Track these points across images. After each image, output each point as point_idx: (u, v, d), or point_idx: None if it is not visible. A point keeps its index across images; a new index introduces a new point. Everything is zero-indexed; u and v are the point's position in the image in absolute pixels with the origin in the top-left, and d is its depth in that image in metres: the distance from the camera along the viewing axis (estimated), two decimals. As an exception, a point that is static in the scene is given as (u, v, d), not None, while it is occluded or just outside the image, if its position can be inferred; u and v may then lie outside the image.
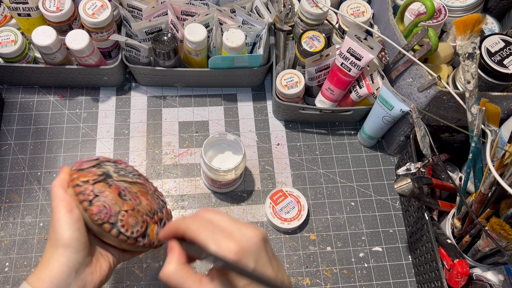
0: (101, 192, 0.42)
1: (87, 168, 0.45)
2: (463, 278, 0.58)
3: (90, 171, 0.44)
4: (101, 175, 0.44)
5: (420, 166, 0.63)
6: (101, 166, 0.46)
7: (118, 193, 0.43)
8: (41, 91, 0.80)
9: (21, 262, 0.67)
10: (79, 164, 0.46)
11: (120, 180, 0.45)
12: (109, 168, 0.46)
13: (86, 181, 0.43)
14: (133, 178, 0.47)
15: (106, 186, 0.43)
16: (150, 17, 0.74)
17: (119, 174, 0.46)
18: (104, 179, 0.44)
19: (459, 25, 0.57)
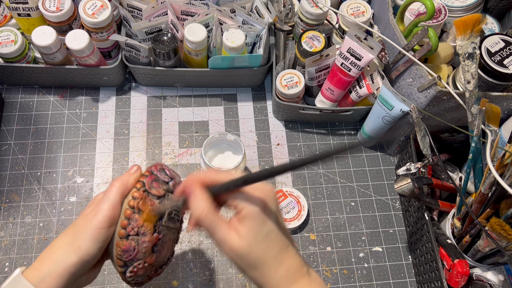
0: (143, 235, 0.40)
1: (154, 195, 0.41)
2: (463, 278, 0.58)
3: (153, 202, 0.41)
4: (156, 215, 0.41)
5: (420, 166, 0.63)
6: (165, 199, 0.42)
7: (154, 244, 0.41)
8: (41, 91, 0.80)
9: (21, 262, 0.67)
10: (151, 180, 0.42)
11: (165, 227, 0.42)
12: (167, 205, 0.42)
13: (140, 211, 0.40)
14: (175, 223, 0.44)
15: (151, 231, 0.40)
16: (150, 17, 0.74)
17: (169, 217, 0.43)
18: (156, 221, 0.41)
19: (459, 25, 0.57)
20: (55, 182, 0.73)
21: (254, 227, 0.36)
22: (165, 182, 0.43)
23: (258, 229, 0.36)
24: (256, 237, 0.36)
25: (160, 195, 0.41)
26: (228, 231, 0.37)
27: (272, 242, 0.37)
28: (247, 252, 0.36)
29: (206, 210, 0.37)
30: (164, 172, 0.44)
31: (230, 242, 0.36)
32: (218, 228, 0.37)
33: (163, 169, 0.44)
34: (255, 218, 0.36)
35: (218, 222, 0.37)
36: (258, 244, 0.36)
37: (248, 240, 0.36)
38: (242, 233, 0.36)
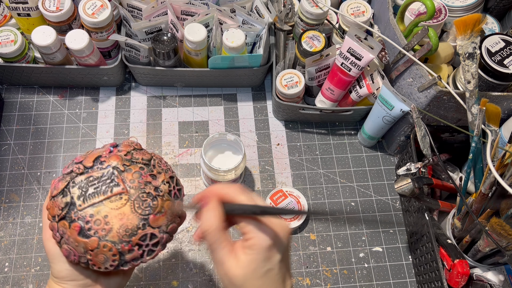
0: (64, 234, 0.40)
1: (56, 195, 0.41)
2: (464, 278, 0.58)
3: (56, 202, 0.40)
4: (64, 208, 0.40)
5: (420, 166, 0.63)
6: (68, 189, 0.40)
7: (78, 232, 0.39)
8: (41, 91, 0.80)
9: (21, 262, 0.67)
10: (53, 186, 0.42)
11: (85, 207, 0.40)
12: (75, 190, 0.40)
13: (53, 217, 0.40)
14: (106, 192, 0.40)
15: (67, 225, 0.39)
16: (150, 17, 0.74)
17: (86, 196, 0.40)
18: (66, 213, 0.40)
19: (459, 25, 0.57)
20: (55, 182, 0.73)
21: (256, 260, 0.35)
22: (67, 173, 0.42)
23: (259, 264, 0.35)
24: (254, 271, 0.35)
25: (60, 190, 0.41)
26: (229, 255, 0.35)
27: (269, 281, 0.35)
28: (241, 283, 0.35)
29: (214, 226, 0.36)
30: (71, 164, 0.43)
31: (227, 267, 0.35)
32: (220, 248, 0.36)
33: (72, 162, 0.43)
34: (260, 252, 0.35)
35: (222, 242, 0.36)
36: (254, 279, 0.35)
37: (245, 271, 0.35)
38: (242, 262, 0.35)
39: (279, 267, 0.36)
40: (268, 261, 0.35)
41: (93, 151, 0.43)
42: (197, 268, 0.68)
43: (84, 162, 0.42)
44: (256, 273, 0.35)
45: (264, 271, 0.35)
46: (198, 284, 0.67)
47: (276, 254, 0.35)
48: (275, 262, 0.35)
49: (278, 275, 0.36)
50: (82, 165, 0.42)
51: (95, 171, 0.41)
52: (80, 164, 0.42)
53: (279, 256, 0.36)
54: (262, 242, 0.35)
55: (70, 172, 0.42)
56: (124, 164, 0.42)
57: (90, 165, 0.41)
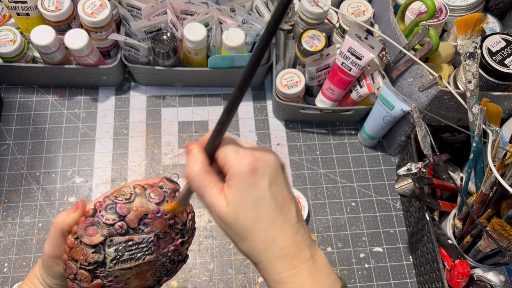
0: (81, 281, 0.38)
1: (87, 244, 0.37)
2: (464, 279, 0.58)
3: (84, 252, 0.37)
4: (91, 264, 0.37)
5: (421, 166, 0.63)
6: (104, 247, 0.37)
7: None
8: (40, 90, 0.80)
9: (20, 262, 0.66)
10: (85, 225, 0.37)
11: (116, 270, 0.38)
12: (111, 252, 0.38)
13: (73, 259, 0.37)
14: (138, 260, 0.39)
15: (89, 279, 0.38)
16: (149, 16, 0.74)
17: (119, 261, 0.38)
18: (94, 269, 0.38)
19: (460, 25, 0.57)
20: (54, 182, 0.73)
21: (241, 190, 0.31)
22: (108, 225, 0.37)
23: (245, 193, 0.31)
24: (243, 202, 0.31)
25: (94, 244, 0.37)
26: (218, 195, 0.32)
27: (262, 211, 0.31)
28: (234, 219, 0.31)
29: (196, 170, 0.32)
30: (112, 210, 0.37)
31: (217, 208, 0.32)
32: (207, 191, 0.32)
33: (113, 205, 0.37)
34: (242, 179, 0.31)
35: (209, 184, 0.32)
36: (246, 211, 0.31)
37: (234, 205, 0.31)
38: (228, 197, 0.31)
39: (270, 193, 0.32)
40: (254, 188, 0.31)
41: (137, 197, 0.38)
42: (196, 269, 0.68)
43: (129, 221, 0.38)
44: (245, 204, 0.31)
45: (253, 200, 0.31)
46: (198, 285, 0.67)
47: (262, 179, 0.31)
48: (263, 188, 0.31)
49: (272, 203, 0.32)
50: (126, 225, 0.38)
51: (137, 234, 0.38)
52: (125, 223, 0.37)
53: (267, 181, 0.32)
54: (241, 167, 0.31)
55: (111, 226, 0.38)
56: (165, 231, 0.40)
57: (134, 227, 0.38)
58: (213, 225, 0.71)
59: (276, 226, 0.32)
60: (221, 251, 0.69)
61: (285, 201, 0.33)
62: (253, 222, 0.31)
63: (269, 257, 0.32)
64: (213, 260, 0.69)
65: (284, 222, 0.32)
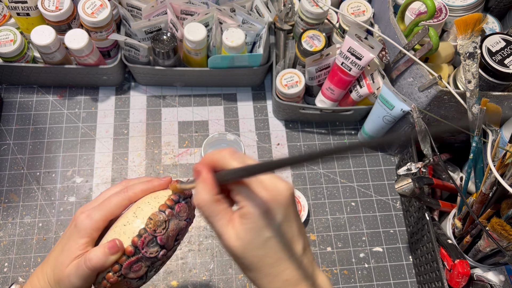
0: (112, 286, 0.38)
1: (131, 277, 0.37)
2: (464, 279, 0.58)
3: (129, 283, 0.38)
4: (135, 279, 0.38)
5: (421, 166, 0.63)
6: (146, 274, 0.39)
7: None
8: (40, 90, 0.80)
9: (20, 262, 0.66)
10: (129, 264, 0.37)
11: None
12: (151, 274, 0.39)
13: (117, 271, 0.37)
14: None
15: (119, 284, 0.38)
16: (149, 16, 0.74)
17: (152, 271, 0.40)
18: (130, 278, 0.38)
19: (460, 25, 0.57)
20: (54, 182, 0.73)
21: (253, 230, 0.32)
22: (152, 258, 0.38)
23: (256, 233, 0.32)
24: (253, 241, 0.32)
25: (139, 277, 0.38)
26: (227, 226, 0.33)
27: (270, 251, 0.33)
28: (242, 254, 0.33)
29: (206, 199, 0.33)
30: (153, 243, 0.37)
31: (226, 238, 0.33)
32: (216, 220, 0.33)
33: (153, 240, 0.37)
34: (255, 220, 0.32)
35: (218, 214, 0.33)
36: (255, 250, 0.33)
37: (244, 241, 0.32)
38: (240, 233, 0.32)
39: (279, 233, 0.33)
40: (266, 229, 0.32)
41: (172, 219, 0.39)
42: (196, 269, 0.68)
43: (167, 246, 0.38)
44: (255, 243, 0.32)
45: (263, 240, 0.32)
46: (198, 285, 0.67)
47: (274, 220, 0.32)
48: (274, 229, 0.32)
49: (281, 242, 0.33)
50: (166, 250, 0.39)
51: (170, 251, 0.40)
52: (165, 250, 0.39)
53: (278, 221, 0.33)
54: (254, 209, 0.32)
55: (155, 257, 0.38)
56: None
57: (170, 248, 0.40)
58: (213, 225, 0.71)
59: (282, 262, 0.33)
60: (221, 251, 0.69)
61: (293, 236, 0.34)
62: (260, 259, 0.33)
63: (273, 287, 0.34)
64: (213, 260, 0.69)
65: (289, 258, 0.33)
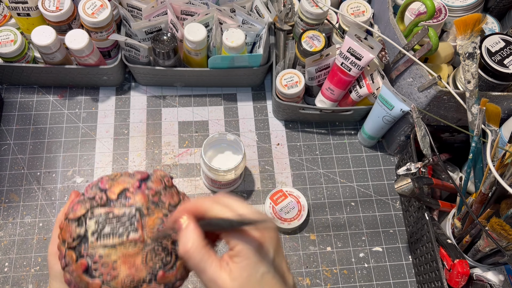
0: (69, 265, 0.37)
1: (72, 219, 0.38)
2: (464, 278, 0.58)
3: (70, 228, 0.37)
4: (75, 239, 0.37)
5: (421, 166, 0.63)
6: (85, 219, 0.38)
7: (83, 270, 0.37)
8: (41, 90, 0.80)
9: (21, 262, 0.67)
10: (71, 205, 0.38)
11: (98, 246, 0.37)
12: (91, 224, 0.38)
13: (63, 241, 0.38)
14: (121, 236, 0.38)
15: (74, 258, 0.37)
16: (149, 17, 0.74)
17: (101, 234, 0.38)
18: (77, 245, 0.37)
19: (460, 25, 0.57)
20: (54, 182, 0.73)
21: (248, 267, 0.32)
22: (90, 198, 0.38)
23: (252, 270, 0.32)
24: (250, 278, 0.32)
25: (77, 217, 0.37)
26: (219, 270, 0.33)
27: (267, 285, 0.33)
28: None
29: (194, 245, 0.33)
30: (96, 186, 0.38)
31: (221, 283, 0.32)
32: (208, 266, 0.33)
33: (97, 183, 0.39)
34: (249, 257, 0.32)
35: (208, 259, 0.33)
36: (252, 287, 0.32)
37: (239, 281, 0.32)
38: (234, 273, 0.32)
39: (274, 268, 0.34)
40: (260, 265, 0.33)
41: (122, 176, 0.40)
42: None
43: (108, 193, 0.38)
44: (251, 280, 0.33)
45: (259, 276, 0.33)
46: (198, 284, 0.67)
47: (267, 255, 0.33)
48: (268, 264, 0.33)
49: (276, 277, 0.34)
50: (106, 196, 0.38)
51: (117, 207, 0.38)
52: (104, 194, 0.38)
53: (271, 256, 0.33)
54: (247, 246, 0.33)
55: (92, 198, 0.38)
56: (149, 207, 0.39)
57: (114, 198, 0.38)
58: (213, 225, 0.71)
59: None
60: (221, 251, 0.70)
61: (285, 270, 0.35)
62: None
63: None
64: (213, 259, 0.69)
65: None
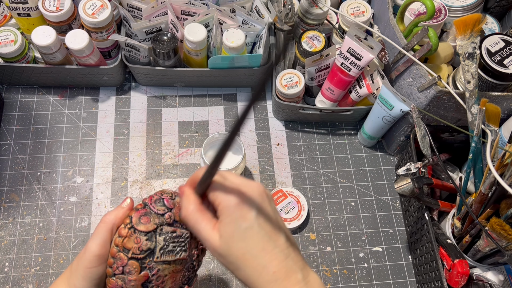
0: (129, 273, 0.38)
1: (141, 232, 0.39)
2: (463, 278, 0.58)
3: (139, 239, 0.39)
4: (143, 252, 0.39)
5: (420, 166, 0.63)
6: (156, 235, 0.40)
7: (143, 282, 0.39)
8: (41, 91, 0.80)
9: (21, 262, 0.67)
10: (139, 215, 0.39)
11: (160, 262, 0.40)
12: (161, 241, 0.40)
13: (125, 250, 0.38)
14: (177, 254, 0.41)
15: (138, 269, 0.39)
16: (150, 17, 0.74)
17: (165, 251, 0.40)
18: (144, 257, 0.39)
19: (459, 25, 0.57)
20: (55, 182, 0.73)
21: (230, 223, 0.34)
22: (159, 214, 0.40)
23: (234, 226, 0.34)
24: (233, 234, 0.34)
25: (148, 231, 0.39)
26: (211, 230, 0.35)
27: (251, 241, 0.33)
28: (226, 251, 0.34)
29: (190, 209, 0.35)
30: (161, 203, 0.40)
31: (211, 241, 0.34)
32: (202, 227, 0.35)
33: (160, 199, 0.41)
34: (230, 212, 0.34)
35: (203, 221, 0.35)
36: (236, 243, 0.34)
37: (225, 237, 0.34)
38: (221, 231, 0.34)
39: (258, 223, 0.34)
40: (242, 220, 0.34)
41: (177, 197, 0.42)
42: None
43: (175, 213, 0.41)
44: (235, 235, 0.34)
45: (242, 231, 0.33)
46: (198, 284, 0.67)
47: (249, 211, 0.34)
48: (251, 219, 0.34)
49: (260, 232, 0.34)
50: (173, 216, 0.41)
51: (179, 227, 0.41)
52: (172, 214, 0.40)
53: (254, 212, 0.34)
54: (228, 202, 0.34)
55: (162, 215, 0.40)
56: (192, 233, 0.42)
57: (177, 219, 0.41)
58: (213, 225, 0.72)
59: (266, 252, 0.34)
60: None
61: (273, 229, 0.35)
62: (244, 251, 0.34)
63: (262, 282, 0.34)
64: (213, 259, 0.69)
65: (274, 248, 0.34)
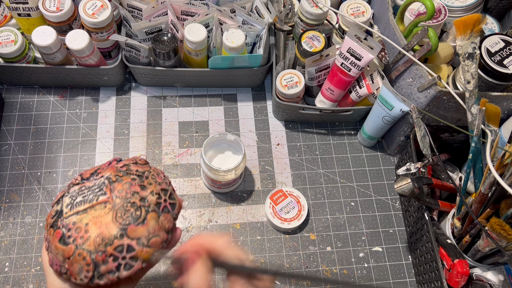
0: (49, 242, 0.40)
1: (53, 205, 0.42)
2: (463, 278, 0.58)
3: (50, 212, 0.41)
4: (54, 216, 0.40)
5: (420, 166, 0.63)
6: (62, 198, 0.41)
7: (59, 238, 0.39)
8: (41, 91, 0.80)
9: (21, 262, 0.67)
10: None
11: (71, 215, 0.39)
12: (66, 199, 0.40)
13: (46, 226, 0.41)
14: (91, 201, 0.39)
15: (51, 232, 0.40)
16: (150, 17, 0.74)
17: (73, 205, 0.40)
18: (55, 221, 0.40)
19: (459, 25, 0.57)
20: (55, 182, 0.73)
21: None
22: (69, 184, 0.43)
23: None
24: None
25: (57, 200, 0.41)
26: None
27: None
28: None
29: (206, 285, 0.37)
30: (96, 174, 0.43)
31: None
32: None
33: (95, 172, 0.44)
34: None
35: None
36: None
37: None
38: None
39: None
40: None
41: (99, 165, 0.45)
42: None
43: (83, 174, 0.42)
44: None
45: None
46: (198, 284, 0.67)
47: None
48: None
49: None
50: (80, 177, 0.42)
51: (89, 181, 0.41)
52: (79, 176, 0.42)
53: None
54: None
55: (69, 184, 0.43)
56: (117, 175, 0.41)
57: (87, 177, 0.42)
58: (213, 225, 0.72)
59: None
60: (221, 250, 0.70)
61: None
62: None
63: None
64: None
65: None
